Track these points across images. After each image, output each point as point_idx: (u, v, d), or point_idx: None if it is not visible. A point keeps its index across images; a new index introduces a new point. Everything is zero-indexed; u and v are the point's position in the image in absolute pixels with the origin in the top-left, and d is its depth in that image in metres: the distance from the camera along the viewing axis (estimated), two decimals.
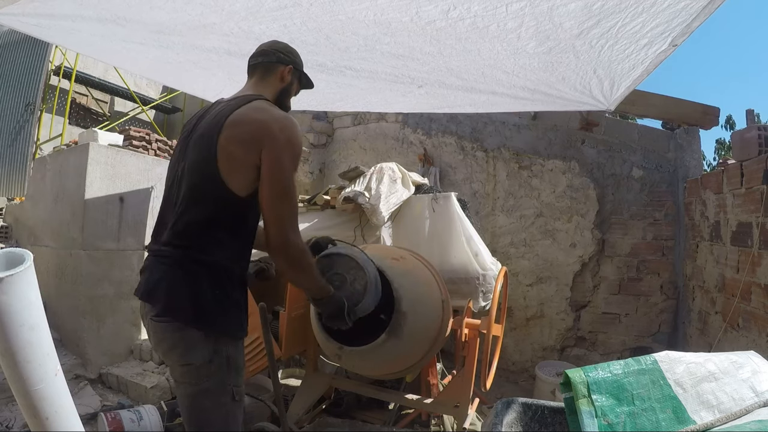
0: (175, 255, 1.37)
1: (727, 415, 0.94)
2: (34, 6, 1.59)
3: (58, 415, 1.03)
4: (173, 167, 1.48)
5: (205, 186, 1.36)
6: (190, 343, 1.34)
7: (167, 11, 1.67)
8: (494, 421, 1.05)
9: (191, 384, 1.37)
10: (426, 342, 2.17)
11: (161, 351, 1.41)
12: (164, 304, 1.35)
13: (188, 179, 1.39)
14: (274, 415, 2.52)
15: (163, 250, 1.40)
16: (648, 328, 3.77)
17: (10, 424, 2.56)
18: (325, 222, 3.31)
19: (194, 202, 1.37)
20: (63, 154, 3.96)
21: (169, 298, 1.34)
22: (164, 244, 1.40)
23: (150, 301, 1.38)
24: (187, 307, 1.33)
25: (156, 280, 1.37)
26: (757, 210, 2.35)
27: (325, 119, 5.16)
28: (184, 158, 1.42)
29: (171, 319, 1.34)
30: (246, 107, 1.39)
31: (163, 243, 1.40)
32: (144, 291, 1.40)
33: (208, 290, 1.36)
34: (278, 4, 1.59)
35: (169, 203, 1.45)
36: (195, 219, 1.37)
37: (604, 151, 3.97)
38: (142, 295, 1.41)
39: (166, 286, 1.35)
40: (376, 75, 2.13)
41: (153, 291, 1.37)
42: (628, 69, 1.82)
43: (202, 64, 2.21)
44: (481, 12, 1.52)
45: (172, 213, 1.41)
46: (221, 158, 1.33)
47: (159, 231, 1.45)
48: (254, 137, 1.33)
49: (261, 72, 1.54)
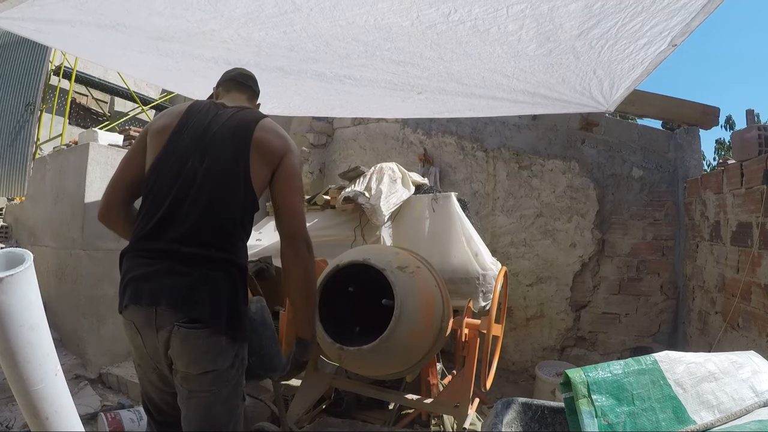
0: (209, 257, 1.34)
1: (727, 415, 0.94)
2: (34, 11, 1.58)
3: (58, 415, 1.03)
4: (180, 163, 1.42)
5: (236, 186, 1.40)
6: (220, 350, 1.34)
7: (166, 17, 1.66)
8: (494, 421, 1.05)
9: (211, 392, 1.36)
10: (426, 342, 2.17)
11: (188, 359, 1.34)
12: (202, 310, 1.31)
13: (215, 179, 1.40)
14: (274, 415, 2.52)
15: (184, 251, 1.34)
16: (648, 328, 3.77)
17: (10, 424, 2.56)
18: (325, 222, 3.31)
19: (224, 203, 1.39)
20: (63, 154, 3.96)
21: (212, 303, 1.32)
22: (184, 244, 1.34)
23: (182, 307, 1.31)
24: (224, 312, 1.33)
25: (190, 285, 1.32)
26: (757, 210, 2.35)
27: (325, 119, 5.17)
28: (202, 158, 1.41)
29: (205, 326, 1.31)
30: (266, 120, 1.51)
31: (180, 242, 1.34)
32: (172, 296, 1.31)
33: (241, 294, 1.39)
34: (278, 10, 1.58)
35: (177, 201, 1.38)
36: (225, 218, 1.38)
37: (604, 151, 3.97)
38: (171, 301, 1.31)
39: (209, 291, 1.32)
40: (376, 83, 2.13)
41: (188, 296, 1.31)
42: (627, 69, 1.81)
43: (202, 72, 2.20)
44: (482, 15, 1.52)
45: (183, 212, 1.37)
46: (252, 162, 1.41)
47: (162, 228, 1.37)
48: (281, 146, 1.47)
49: (249, 95, 1.66)
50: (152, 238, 1.38)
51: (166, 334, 1.34)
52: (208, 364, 1.34)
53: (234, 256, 1.39)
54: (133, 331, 1.39)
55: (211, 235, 1.36)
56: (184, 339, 1.32)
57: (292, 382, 3.05)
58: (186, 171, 1.40)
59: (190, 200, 1.38)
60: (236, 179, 1.40)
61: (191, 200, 1.37)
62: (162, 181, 1.42)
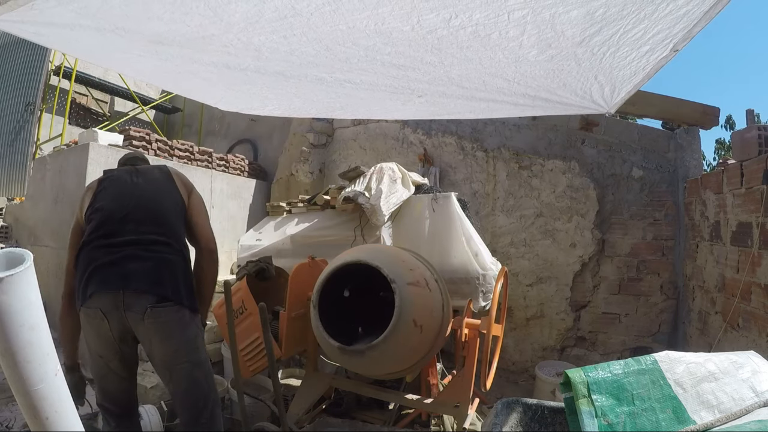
0: (164, 242, 1.78)
1: (727, 415, 0.94)
2: (33, 14, 1.57)
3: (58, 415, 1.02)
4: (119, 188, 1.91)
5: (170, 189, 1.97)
6: (185, 322, 1.72)
7: (166, 22, 1.66)
8: (494, 421, 1.05)
9: (187, 362, 1.71)
10: (426, 342, 2.17)
11: (162, 335, 1.68)
12: (166, 288, 1.68)
13: (152, 187, 1.93)
14: (274, 415, 2.51)
15: (144, 239, 1.75)
16: (648, 328, 3.77)
17: (10, 424, 2.56)
18: (325, 222, 3.31)
19: (164, 203, 1.91)
20: (63, 154, 3.96)
21: (172, 282, 1.71)
22: (142, 234, 1.76)
23: (150, 287, 1.67)
24: (182, 289, 1.74)
25: (154, 267, 1.71)
26: (757, 210, 2.35)
27: (325, 119, 5.17)
28: (137, 183, 1.92)
29: (172, 302, 1.68)
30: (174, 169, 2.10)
31: (138, 233, 1.76)
32: (140, 279, 1.66)
33: (189, 273, 1.84)
34: (278, 15, 1.58)
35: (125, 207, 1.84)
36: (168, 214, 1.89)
37: (604, 151, 3.97)
38: (139, 283, 1.66)
39: (169, 272, 1.73)
40: (377, 86, 2.13)
41: (153, 277, 1.68)
42: (629, 75, 1.81)
43: (202, 75, 2.20)
44: (483, 20, 1.51)
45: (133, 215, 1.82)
46: (175, 181, 1.99)
47: (119, 227, 1.77)
48: (190, 181, 2.09)
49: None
50: (111, 234, 1.74)
51: (137, 315, 1.65)
52: (180, 336, 1.70)
53: (181, 243, 1.85)
54: (99, 318, 1.67)
55: (161, 227, 1.80)
56: (156, 318, 1.65)
57: (291, 382, 3.05)
58: (126, 190, 1.88)
59: (136, 205, 1.82)
60: (167, 188, 1.94)
61: (138, 205, 1.82)
62: (107, 204, 1.83)
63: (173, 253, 1.77)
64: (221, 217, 4.72)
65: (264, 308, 2.17)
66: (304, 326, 2.54)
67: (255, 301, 2.43)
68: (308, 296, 2.36)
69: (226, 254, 4.72)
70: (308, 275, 2.56)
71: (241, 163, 5.29)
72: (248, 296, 2.53)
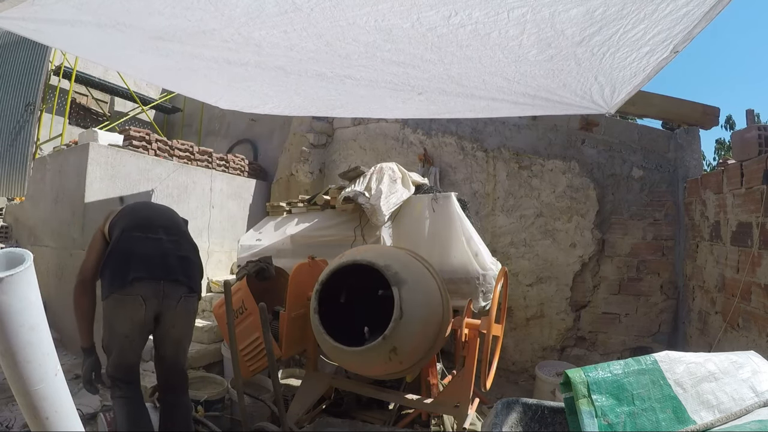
0: (188, 243, 2.28)
1: (727, 415, 0.94)
2: (34, 10, 1.57)
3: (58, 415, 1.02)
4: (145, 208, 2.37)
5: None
6: (197, 309, 2.22)
7: (166, 17, 1.66)
8: (494, 421, 1.05)
9: (185, 335, 2.19)
10: (426, 342, 2.17)
11: (185, 320, 2.14)
12: (195, 283, 2.13)
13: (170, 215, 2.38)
14: (274, 415, 2.51)
15: (175, 239, 2.19)
16: (648, 328, 3.77)
17: (10, 424, 2.56)
18: (325, 222, 3.31)
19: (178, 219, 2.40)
20: (63, 154, 3.96)
21: (196, 276, 2.17)
22: (171, 234, 2.19)
23: (186, 280, 2.08)
24: (198, 283, 2.17)
25: (190, 263, 2.16)
26: (757, 210, 2.35)
27: (325, 119, 5.17)
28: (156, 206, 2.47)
29: (196, 294, 2.16)
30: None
31: (168, 234, 2.18)
32: (180, 272, 2.08)
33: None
34: (278, 10, 1.58)
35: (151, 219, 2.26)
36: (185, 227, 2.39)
37: (604, 151, 3.97)
38: (179, 275, 2.06)
39: (196, 268, 2.20)
40: (377, 83, 2.13)
41: (187, 272, 2.11)
42: (629, 76, 1.81)
43: (202, 72, 2.20)
44: (483, 18, 1.51)
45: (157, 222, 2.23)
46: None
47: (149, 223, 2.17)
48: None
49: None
50: (147, 229, 2.11)
51: (172, 302, 2.02)
52: (194, 318, 2.20)
53: (192, 245, 2.28)
54: (138, 303, 1.95)
55: (179, 232, 2.24)
56: (186, 305, 2.09)
57: (291, 382, 3.05)
58: (147, 206, 2.43)
59: (159, 215, 2.26)
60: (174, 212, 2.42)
61: (160, 215, 2.28)
62: (135, 213, 2.22)
63: (193, 252, 2.22)
64: (221, 217, 4.72)
65: (264, 308, 2.17)
66: (304, 326, 2.54)
67: (255, 301, 2.43)
68: (308, 296, 2.36)
69: (226, 254, 4.72)
70: (308, 275, 2.56)
71: (241, 163, 5.29)
72: (248, 296, 2.54)
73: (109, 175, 3.63)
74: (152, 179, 3.99)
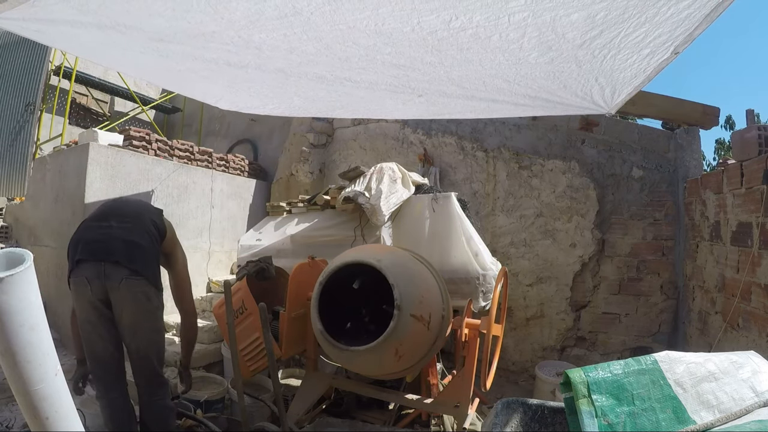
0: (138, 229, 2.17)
1: (727, 415, 0.94)
2: (34, 11, 1.57)
3: (58, 415, 1.02)
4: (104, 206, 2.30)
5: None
6: (150, 295, 2.09)
7: (167, 18, 1.66)
8: (494, 421, 1.05)
9: (152, 327, 2.13)
10: (426, 342, 2.17)
11: (133, 302, 2.03)
12: (139, 265, 2.05)
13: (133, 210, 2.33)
14: (274, 415, 2.51)
15: (125, 225, 2.14)
16: (648, 328, 3.77)
17: (10, 424, 2.56)
18: (325, 222, 3.31)
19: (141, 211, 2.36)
20: (63, 154, 3.96)
21: (144, 260, 2.09)
22: (123, 222, 2.15)
23: (127, 262, 2.02)
24: (149, 268, 2.12)
25: (132, 246, 2.08)
26: (757, 210, 2.35)
27: (325, 119, 5.16)
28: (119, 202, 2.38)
29: (142, 276, 2.05)
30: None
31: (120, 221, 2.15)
32: (119, 254, 2.02)
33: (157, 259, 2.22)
34: (278, 13, 1.58)
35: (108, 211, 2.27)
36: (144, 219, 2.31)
37: (604, 151, 3.97)
38: (118, 257, 2.01)
39: (143, 252, 2.10)
40: (377, 85, 2.13)
41: (129, 254, 2.05)
42: (630, 77, 1.81)
43: (202, 73, 2.21)
44: (483, 22, 1.51)
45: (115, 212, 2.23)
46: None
47: (105, 215, 2.18)
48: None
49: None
50: (98, 220, 2.14)
51: (114, 284, 1.98)
52: (145, 304, 2.07)
53: (152, 236, 2.20)
54: (83, 285, 1.97)
55: (135, 221, 2.19)
56: (130, 287, 2.02)
57: (291, 382, 3.05)
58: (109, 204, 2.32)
59: (118, 209, 2.23)
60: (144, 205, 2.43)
61: (119, 208, 2.24)
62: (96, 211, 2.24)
63: (145, 239, 2.15)
64: (221, 217, 4.72)
65: (264, 308, 2.17)
66: (304, 326, 2.54)
67: (255, 301, 2.43)
68: (308, 296, 2.36)
69: (226, 254, 4.72)
70: (308, 275, 2.56)
71: (241, 163, 5.29)
72: (248, 296, 2.53)
73: (109, 175, 3.63)
74: (152, 179, 3.99)
